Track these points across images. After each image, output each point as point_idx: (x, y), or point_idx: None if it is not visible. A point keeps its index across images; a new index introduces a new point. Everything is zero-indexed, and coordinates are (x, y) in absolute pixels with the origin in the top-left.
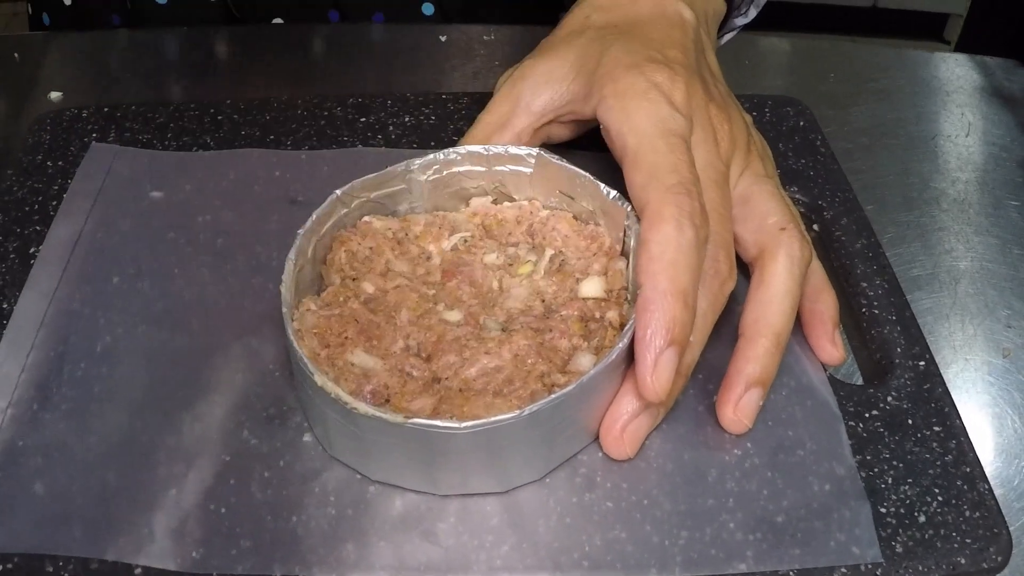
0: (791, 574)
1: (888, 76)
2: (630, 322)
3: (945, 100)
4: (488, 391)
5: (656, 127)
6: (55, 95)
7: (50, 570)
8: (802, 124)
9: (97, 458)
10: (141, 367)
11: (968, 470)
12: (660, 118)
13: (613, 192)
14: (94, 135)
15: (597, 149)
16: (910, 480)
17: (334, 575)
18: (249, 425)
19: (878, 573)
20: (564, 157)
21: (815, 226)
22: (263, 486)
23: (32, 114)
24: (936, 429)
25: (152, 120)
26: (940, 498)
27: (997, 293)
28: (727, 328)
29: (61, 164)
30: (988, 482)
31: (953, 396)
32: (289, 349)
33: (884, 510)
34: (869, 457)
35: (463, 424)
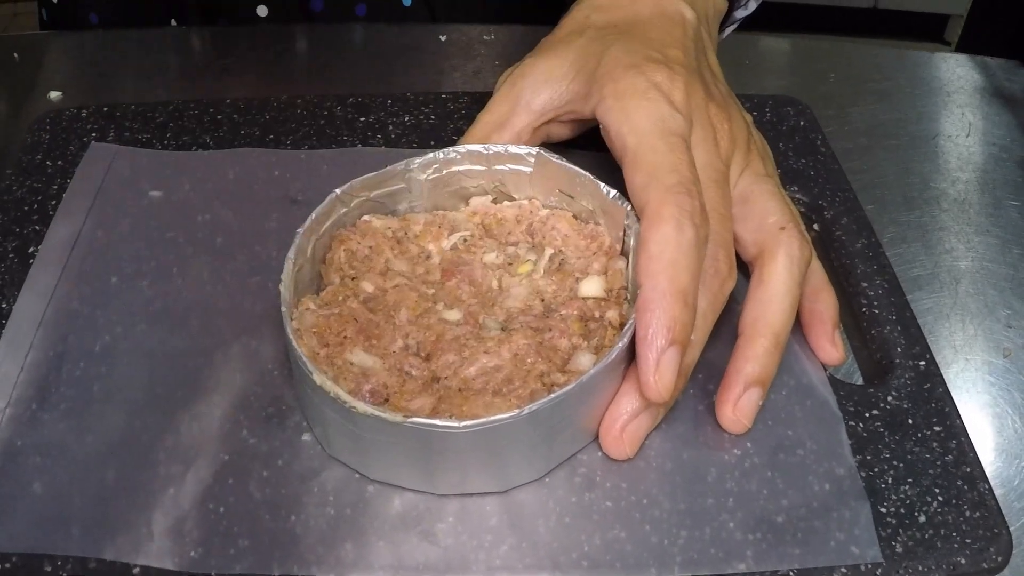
0: (791, 574)
1: (888, 76)
2: (630, 321)
3: (946, 100)
4: (487, 390)
5: (656, 127)
6: (54, 95)
7: (48, 569)
8: (802, 124)
9: (96, 457)
10: (140, 367)
11: (968, 470)
12: (660, 118)
13: (613, 191)
14: (93, 134)
15: (597, 148)
16: (910, 480)
17: (333, 575)
18: (248, 424)
19: (878, 573)
20: (564, 156)
21: (815, 226)
22: (262, 485)
23: (31, 114)
24: (936, 429)
25: (151, 120)
26: (940, 498)
27: (997, 293)
28: (727, 327)
29: (60, 164)
30: (988, 482)
31: (953, 396)
32: (288, 348)
33: (884, 510)
34: (869, 457)
35: (462, 423)
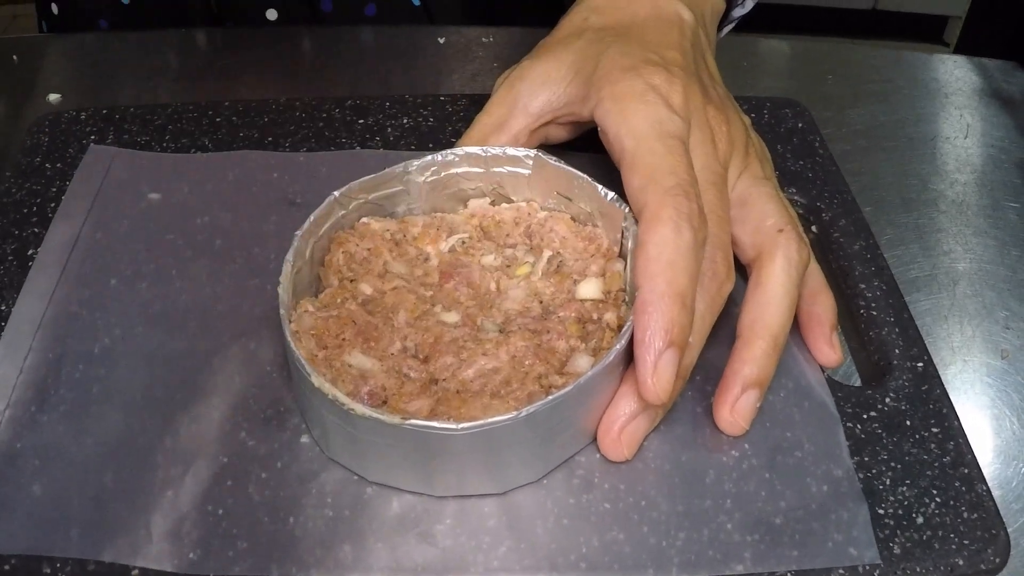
0: (788, 575)
1: (887, 78)
2: (627, 324)
3: (944, 102)
4: (485, 392)
5: (654, 129)
6: (53, 97)
7: (47, 571)
8: (801, 126)
9: (95, 460)
10: (139, 369)
11: (966, 471)
12: (658, 120)
13: (611, 194)
14: (92, 137)
15: (595, 151)
16: (908, 481)
17: None
18: (247, 427)
19: (876, 574)
20: (562, 158)
21: (813, 228)
22: (260, 487)
23: (31, 116)
24: (934, 430)
25: (150, 122)
26: (938, 499)
27: (995, 294)
28: (725, 330)
29: (59, 166)
30: (986, 483)
31: (951, 397)
32: (287, 350)
33: (882, 511)
34: (867, 458)
35: (460, 425)
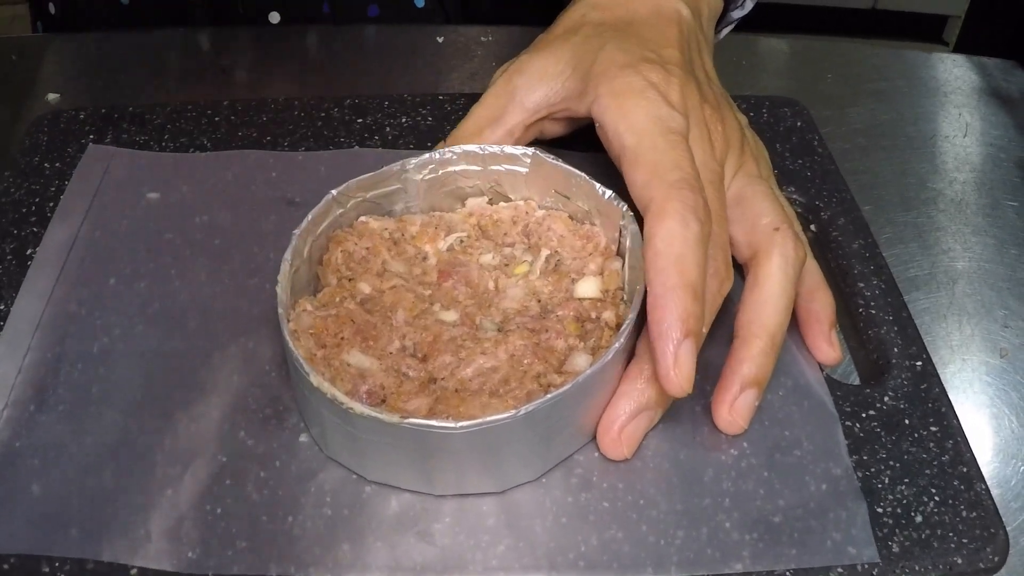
0: (787, 574)
1: (886, 77)
2: (626, 322)
3: (943, 101)
4: (484, 391)
5: (656, 125)
6: (52, 97)
7: (46, 571)
8: (800, 124)
9: (94, 459)
10: (138, 368)
11: (965, 470)
12: (658, 116)
13: (609, 192)
14: (91, 136)
15: (593, 149)
16: (907, 480)
17: (330, 575)
18: (245, 426)
19: (874, 573)
20: (559, 157)
21: (812, 226)
22: (259, 487)
23: (29, 116)
24: (933, 429)
25: (149, 121)
26: (937, 498)
27: (994, 293)
28: (723, 329)
29: (58, 166)
30: (985, 482)
31: (950, 396)
32: (285, 350)
33: (881, 510)
34: (866, 457)
35: (459, 424)
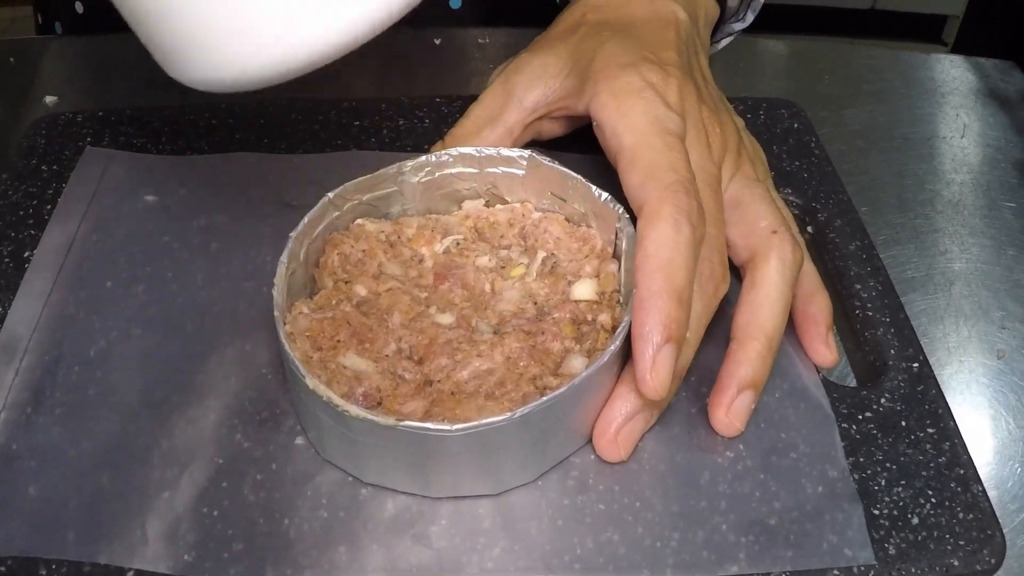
0: None
1: (883, 78)
2: (622, 324)
3: (940, 102)
4: (480, 393)
5: (653, 126)
6: (50, 99)
7: (43, 573)
8: (797, 126)
9: (90, 461)
10: (135, 371)
11: (962, 472)
12: (656, 117)
13: (605, 194)
14: (89, 139)
15: (589, 151)
16: (903, 482)
17: None
18: (242, 428)
19: (871, 575)
20: (556, 159)
21: (809, 228)
22: (256, 489)
23: (27, 118)
24: (930, 431)
25: (147, 124)
26: (933, 500)
27: (991, 295)
28: (719, 331)
29: (56, 168)
30: (982, 484)
31: (947, 398)
32: (281, 352)
33: (877, 512)
34: (862, 459)
35: (455, 427)
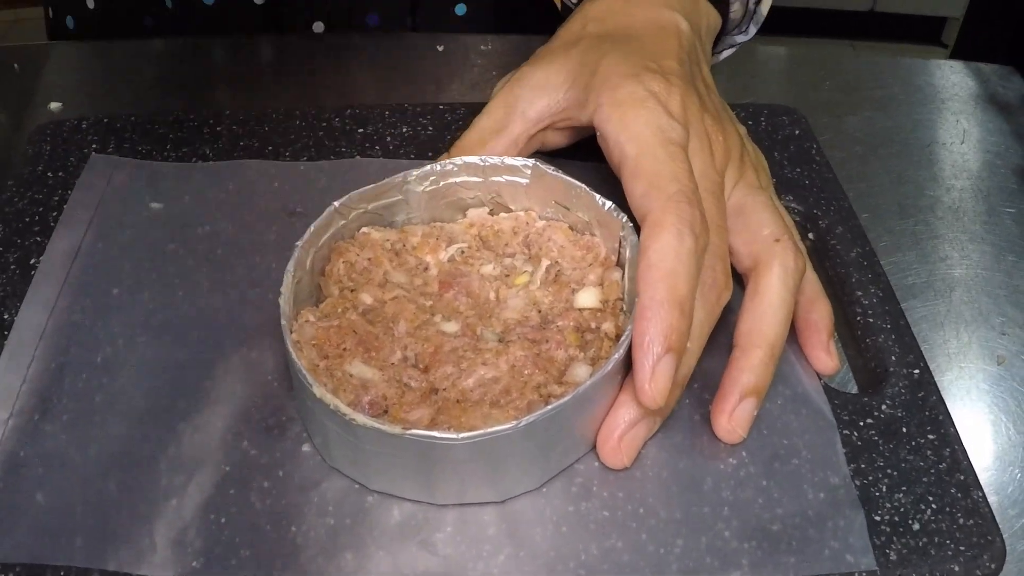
0: None
1: (883, 84)
2: (626, 332)
3: (940, 108)
4: (485, 402)
5: (656, 136)
6: (55, 105)
7: None
8: (797, 133)
9: (98, 468)
10: (141, 378)
11: (962, 478)
12: (659, 127)
13: (609, 203)
14: (94, 146)
15: (593, 160)
16: (904, 488)
17: None
18: (249, 435)
19: None
20: (560, 168)
21: (810, 235)
22: (263, 496)
23: (32, 125)
24: (930, 437)
25: (151, 131)
26: (934, 506)
27: (992, 301)
28: (722, 338)
29: (61, 175)
30: (982, 489)
31: (948, 404)
32: (288, 360)
33: (878, 518)
34: (864, 465)
35: (460, 435)
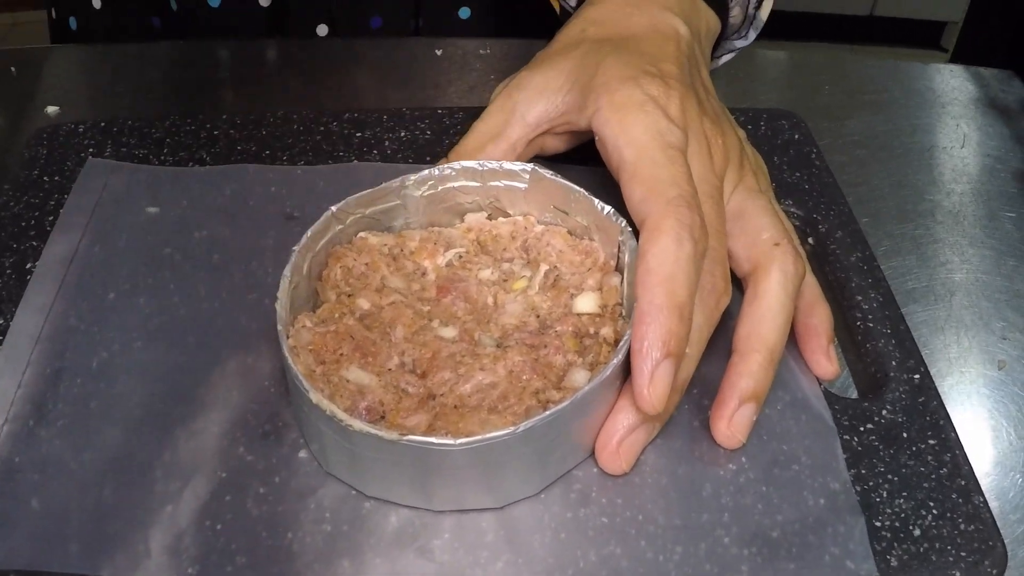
0: None
1: (883, 88)
2: (625, 338)
3: (940, 112)
4: (483, 407)
5: (654, 140)
6: (52, 109)
7: None
8: (797, 137)
9: (93, 474)
10: (137, 383)
11: (963, 483)
12: (658, 131)
13: (608, 207)
14: (91, 150)
15: (591, 164)
16: (905, 494)
17: None
18: (245, 441)
19: None
20: (558, 172)
21: (810, 239)
22: (259, 502)
23: (29, 128)
24: (931, 442)
25: (148, 135)
26: (935, 511)
27: (992, 305)
28: (721, 343)
29: (58, 179)
30: (983, 495)
31: (948, 409)
32: (284, 366)
33: (879, 524)
34: (864, 471)
35: (458, 441)
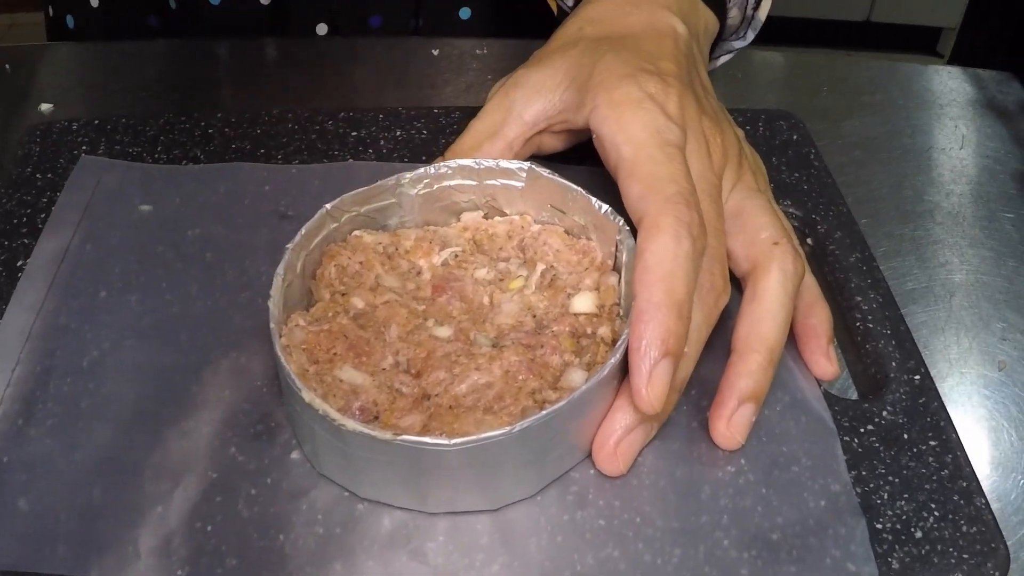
0: None
1: (882, 89)
2: (622, 338)
3: (939, 113)
4: (478, 408)
5: (653, 137)
6: (45, 107)
7: None
8: (796, 138)
9: (82, 474)
10: (128, 382)
11: (964, 484)
12: (656, 128)
13: (605, 206)
14: (84, 147)
15: (589, 163)
16: (906, 495)
17: None
18: (236, 442)
19: None
20: (555, 171)
21: (809, 240)
22: (250, 504)
23: (22, 126)
24: (932, 443)
25: (142, 133)
26: (936, 513)
27: (992, 306)
28: (720, 343)
29: (50, 176)
30: (985, 496)
31: (949, 410)
32: (277, 365)
33: (880, 526)
34: (864, 472)
35: (453, 441)
